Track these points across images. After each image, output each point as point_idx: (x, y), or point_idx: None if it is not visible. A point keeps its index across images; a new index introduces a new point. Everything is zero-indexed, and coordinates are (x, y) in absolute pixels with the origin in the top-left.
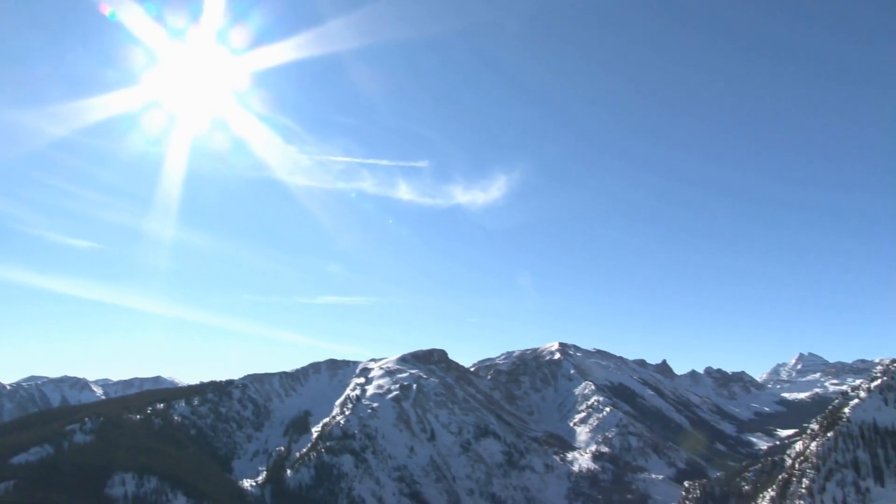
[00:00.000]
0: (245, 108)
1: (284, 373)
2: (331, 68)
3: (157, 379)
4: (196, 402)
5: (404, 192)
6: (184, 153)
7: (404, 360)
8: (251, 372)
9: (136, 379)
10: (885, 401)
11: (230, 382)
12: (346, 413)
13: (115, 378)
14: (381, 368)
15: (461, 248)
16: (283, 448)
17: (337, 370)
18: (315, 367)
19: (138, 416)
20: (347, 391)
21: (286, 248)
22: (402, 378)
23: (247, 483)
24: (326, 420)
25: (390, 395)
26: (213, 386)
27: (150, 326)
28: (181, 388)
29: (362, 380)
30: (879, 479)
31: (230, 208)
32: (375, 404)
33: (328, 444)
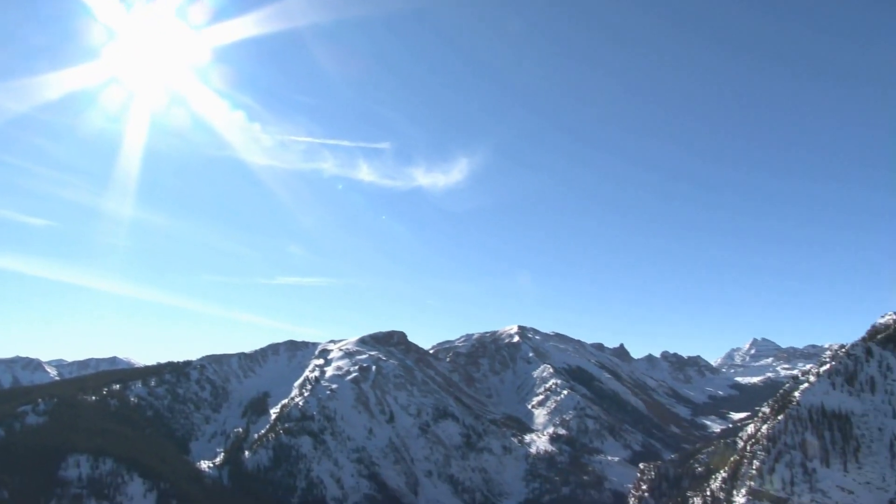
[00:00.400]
0: (205, 84)
1: (243, 354)
2: (292, 45)
3: (114, 360)
4: (153, 383)
5: (365, 173)
6: (143, 130)
7: (364, 341)
8: (209, 353)
9: (91, 360)
10: (833, 385)
11: (188, 363)
12: (305, 394)
13: (69, 359)
14: (341, 350)
15: (422, 231)
16: (241, 429)
17: (296, 351)
18: (274, 349)
19: (93, 398)
20: (306, 372)
21: (246, 227)
22: (361, 360)
23: (204, 464)
24: (285, 401)
25: (349, 377)
26: (171, 367)
27: (106, 306)
28: (138, 368)
29: (321, 361)
30: (825, 461)
31: (190, 187)
32: (334, 386)
33: (287, 425)
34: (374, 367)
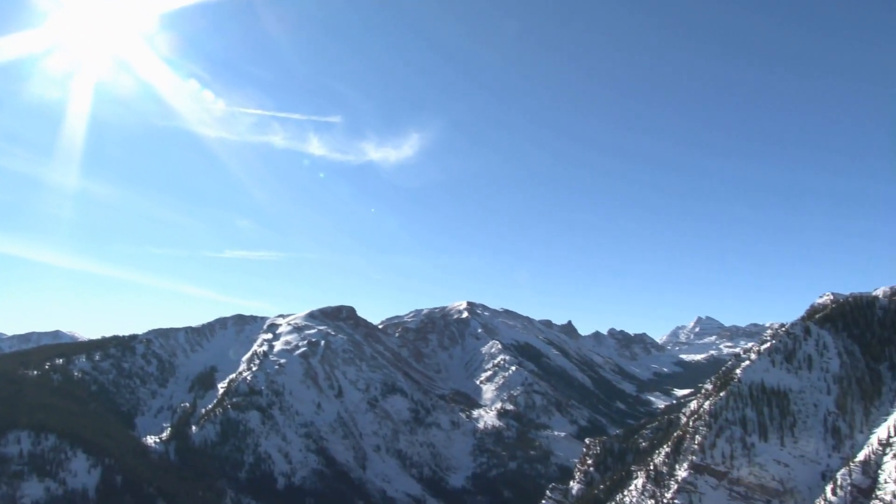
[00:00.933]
0: (153, 51)
1: (190, 328)
2: (243, 14)
3: (57, 333)
4: (98, 358)
5: (316, 147)
6: (88, 98)
7: (312, 316)
8: (156, 327)
9: (33, 333)
10: (773, 363)
11: (134, 337)
12: (253, 369)
13: (10, 332)
14: (289, 324)
15: (372, 205)
16: (188, 404)
17: (244, 326)
18: (222, 323)
19: (35, 372)
20: (255, 347)
21: (194, 199)
22: (310, 334)
23: (150, 440)
24: (233, 376)
25: (298, 352)
26: (116, 341)
27: (49, 278)
28: (82, 342)
29: (270, 336)
30: (763, 435)
31: (136, 157)
32: (283, 360)
33: (234, 400)
34: (322, 342)
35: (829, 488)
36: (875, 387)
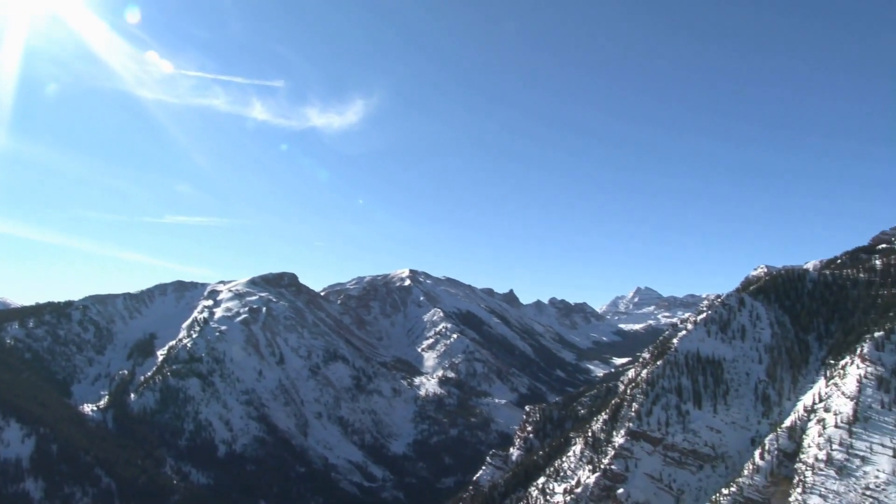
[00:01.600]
0: (90, 10)
1: (129, 294)
2: None
3: None
4: (31, 325)
5: (259, 111)
6: (18, 56)
7: (254, 282)
8: (93, 293)
9: None
10: (708, 332)
11: (69, 304)
12: (194, 336)
13: None
14: (230, 291)
15: (315, 172)
16: (126, 372)
17: (184, 292)
18: (161, 289)
19: None
20: (195, 314)
21: (132, 163)
22: (251, 301)
23: (87, 408)
24: (173, 343)
25: (239, 318)
26: (51, 307)
27: None
28: (15, 309)
29: (210, 302)
30: (698, 403)
31: (71, 119)
32: (224, 327)
33: (174, 367)
34: (264, 309)
35: (757, 453)
36: (803, 356)
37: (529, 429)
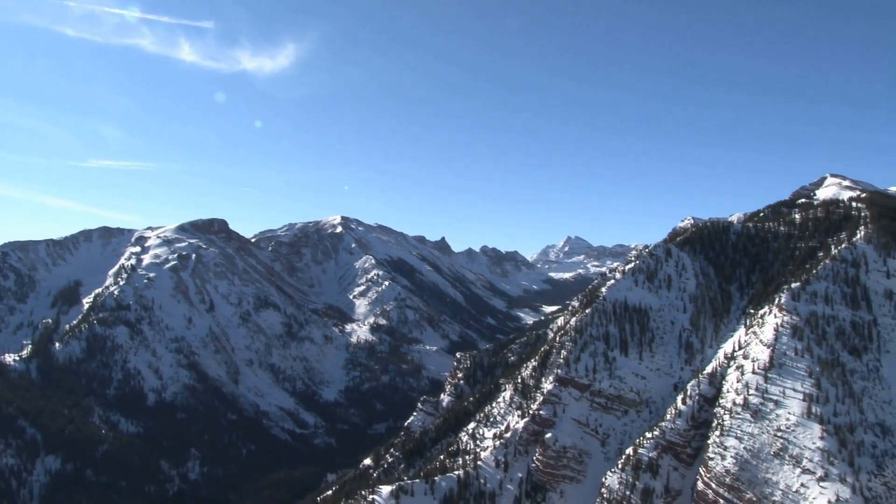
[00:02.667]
0: None
1: (51, 240)
2: None
3: None
4: None
5: (187, 53)
6: None
7: (183, 229)
8: (13, 239)
9: None
10: (636, 282)
11: None
12: (121, 283)
13: None
14: (159, 237)
15: (245, 116)
16: (50, 320)
17: (110, 238)
18: (86, 235)
19: None
20: (122, 260)
21: (52, 104)
22: (180, 248)
23: (9, 358)
24: (99, 290)
25: (168, 265)
26: None
27: None
28: None
29: (138, 249)
30: (624, 350)
31: None
32: (152, 274)
33: (101, 315)
34: (193, 256)
35: (679, 398)
36: (725, 306)
37: (460, 375)
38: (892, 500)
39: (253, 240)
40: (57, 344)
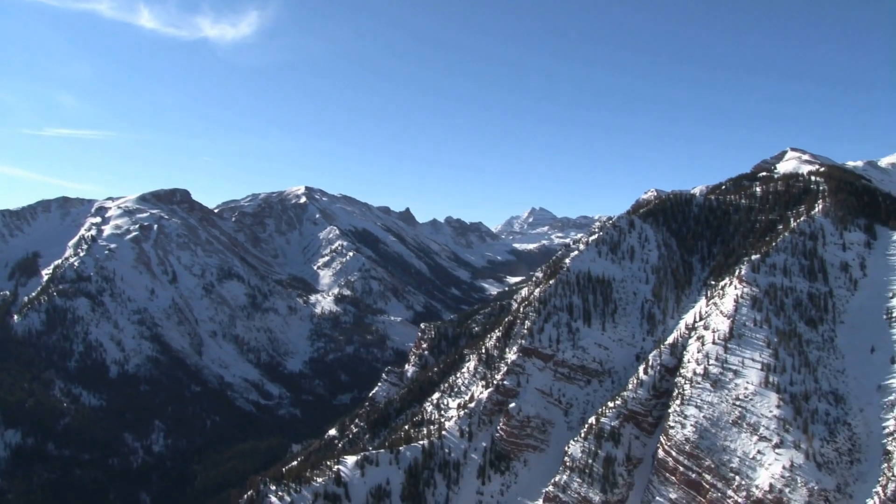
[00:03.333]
0: None
1: (8, 211)
2: None
3: None
4: None
5: (147, 19)
6: None
7: (144, 199)
8: None
9: None
10: (599, 253)
11: None
12: (81, 254)
13: None
14: (120, 208)
15: (207, 85)
16: (8, 292)
17: (70, 209)
18: (44, 205)
19: None
20: (82, 231)
21: (5, 71)
22: (141, 218)
23: None
24: (58, 262)
25: (129, 236)
26: None
27: None
28: None
29: (98, 219)
30: (587, 321)
31: None
32: (113, 245)
33: (61, 287)
34: (155, 226)
35: (641, 368)
36: (687, 277)
37: (424, 346)
38: (843, 465)
39: (216, 210)
40: (15, 316)
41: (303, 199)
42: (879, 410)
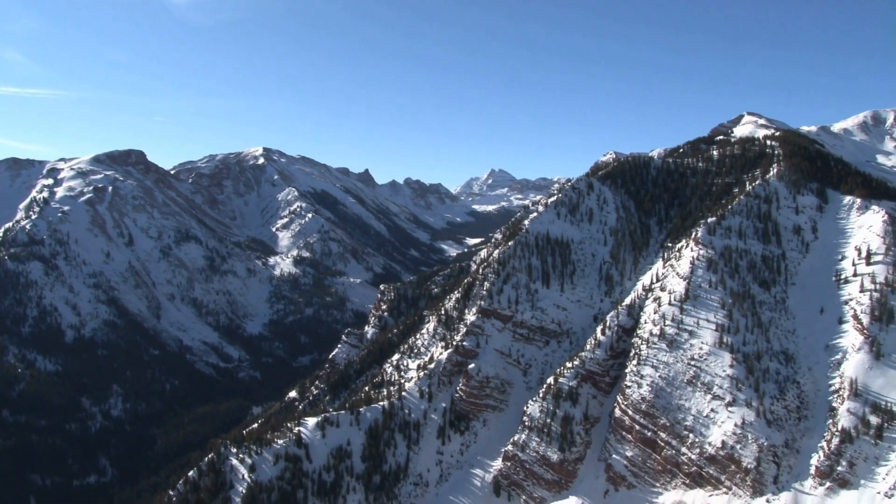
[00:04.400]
0: None
1: None
2: None
3: None
4: None
5: None
6: None
7: (98, 160)
8: None
9: None
10: (558, 215)
11: None
12: (33, 217)
13: None
14: (73, 169)
15: (161, 43)
16: None
17: (20, 170)
18: None
19: None
20: (33, 193)
21: None
22: (96, 180)
23: None
24: (9, 225)
25: (83, 198)
26: None
27: None
28: None
29: (51, 181)
30: (546, 282)
31: None
32: (66, 208)
33: (12, 250)
34: (110, 188)
35: (599, 329)
36: (644, 239)
37: (384, 307)
38: (791, 421)
39: (172, 172)
40: None
41: (261, 161)
42: (826, 369)
